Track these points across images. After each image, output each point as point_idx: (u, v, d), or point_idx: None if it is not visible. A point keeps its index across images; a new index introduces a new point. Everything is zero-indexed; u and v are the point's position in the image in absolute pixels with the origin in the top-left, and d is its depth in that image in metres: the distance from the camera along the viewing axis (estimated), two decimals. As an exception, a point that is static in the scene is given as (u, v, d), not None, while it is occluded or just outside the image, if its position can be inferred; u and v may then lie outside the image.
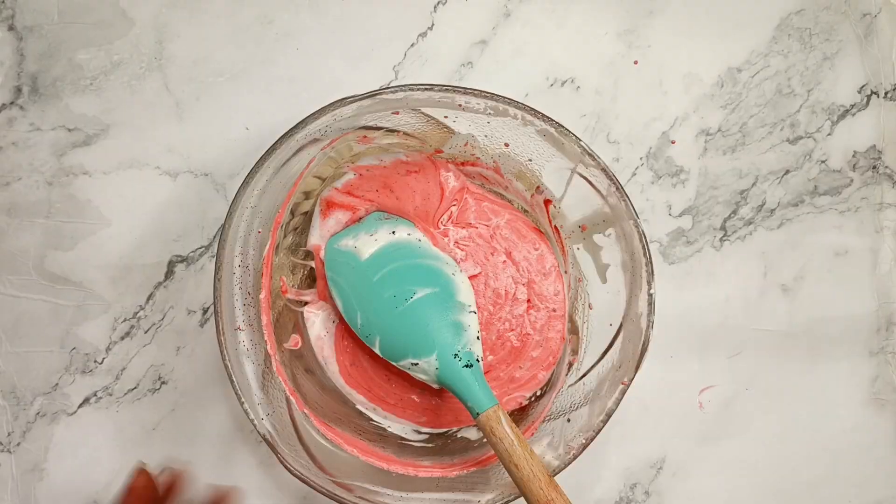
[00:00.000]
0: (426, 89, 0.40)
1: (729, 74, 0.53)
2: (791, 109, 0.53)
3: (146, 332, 0.49)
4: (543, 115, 0.41)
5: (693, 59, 0.53)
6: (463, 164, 0.47)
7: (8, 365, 0.49)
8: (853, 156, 0.54)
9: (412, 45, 0.51)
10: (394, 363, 0.44)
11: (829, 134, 0.53)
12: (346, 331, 0.46)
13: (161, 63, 0.49)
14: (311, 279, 0.47)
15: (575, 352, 0.47)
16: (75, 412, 0.49)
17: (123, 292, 0.49)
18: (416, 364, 0.43)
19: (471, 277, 0.46)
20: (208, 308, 0.49)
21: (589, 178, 0.43)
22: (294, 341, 0.45)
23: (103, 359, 0.49)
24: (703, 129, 0.53)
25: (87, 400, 0.49)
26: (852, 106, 0.54)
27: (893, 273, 0.54)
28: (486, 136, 0.44)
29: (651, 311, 0.41)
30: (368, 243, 0.45)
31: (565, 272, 0.48)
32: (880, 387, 0.53)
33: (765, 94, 0.53)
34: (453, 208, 0.47)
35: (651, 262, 0.41)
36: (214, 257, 0.49)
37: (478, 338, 0.44)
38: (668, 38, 0.52)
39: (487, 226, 0.47)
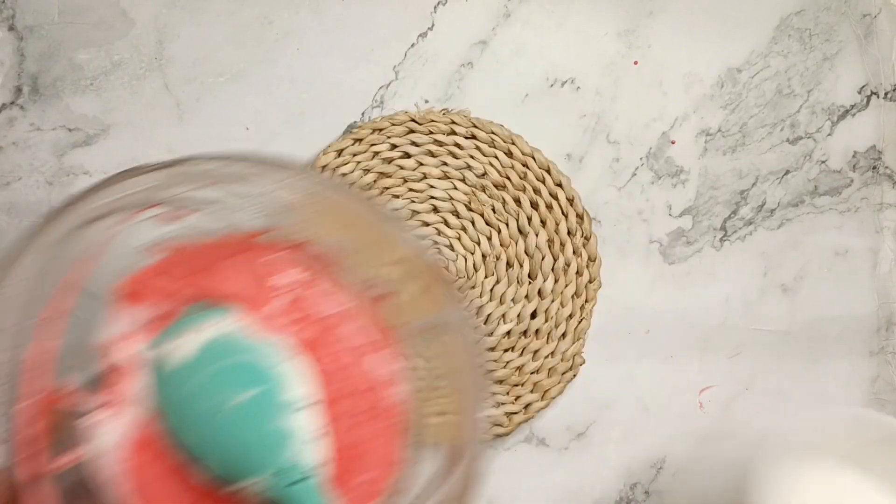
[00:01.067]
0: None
1: (729, 74, 0.53)
2: (791, 110, 0.53)
3: (146, 332, 0.49)
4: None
5: (693, 59, 0.53)
6: (290, 247, 0.38)
7: (8, 365, 0.49)
8: (853, 156, 0.54)
9: (412, 45, 0.51)
10: (223, 490, 0.35)
11: (829, 134, 0.53)
12: (153, 443, 0.36)
13: (161, 63, 0.49)
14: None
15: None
16: (75, 412, 0.49)
17: (123, 292, 0.49)
18: (244, 489, 0.34)
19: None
20: (208, 308, 0.49)
21: None
22: (70, 459, 0.33)
23: (103, 359, 0.49)
24: (703, 130, 0.53)
25: (87, 400, 0.49)
26: (852, 106, 0.54)
27: (893, 273, 0.54)
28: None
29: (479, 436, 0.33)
30: (184, 346, 0.36)
31: (402, 380, 0.38)
32: (880, 387, 0.53)
33: (765, 95, 0.53)
34: (281, 298, 0.38)
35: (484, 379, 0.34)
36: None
37: (315, 438, 0.35)
38: (668, 38, 0.52)
39: (321, 318, 0.38)
